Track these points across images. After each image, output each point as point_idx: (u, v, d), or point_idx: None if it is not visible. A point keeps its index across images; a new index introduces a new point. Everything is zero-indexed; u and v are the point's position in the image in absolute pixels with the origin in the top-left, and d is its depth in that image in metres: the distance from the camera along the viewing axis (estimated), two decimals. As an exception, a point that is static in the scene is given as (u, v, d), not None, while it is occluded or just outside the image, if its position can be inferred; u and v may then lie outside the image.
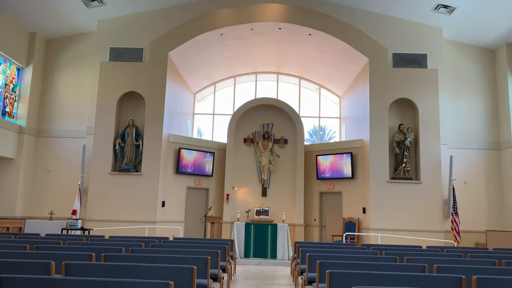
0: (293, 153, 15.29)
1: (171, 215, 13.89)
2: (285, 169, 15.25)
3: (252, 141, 15.44)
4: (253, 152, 15.41)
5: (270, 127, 15.51)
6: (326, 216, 14.79)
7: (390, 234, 12.35)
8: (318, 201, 14.92)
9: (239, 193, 15.12)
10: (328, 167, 14.62)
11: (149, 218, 12.83)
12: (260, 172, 15.19)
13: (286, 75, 17.90)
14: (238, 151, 15.36)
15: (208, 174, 14.82)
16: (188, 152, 14.36)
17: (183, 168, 14.22)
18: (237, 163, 15.27)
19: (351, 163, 14.02)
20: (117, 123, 13.57)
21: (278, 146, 15.39)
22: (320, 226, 14.82)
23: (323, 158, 14.78)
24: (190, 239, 9.34)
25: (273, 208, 14.91)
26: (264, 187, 15.15)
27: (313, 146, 15.55)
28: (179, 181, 14.24)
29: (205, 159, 14.78)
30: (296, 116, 15.40)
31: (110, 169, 13.12)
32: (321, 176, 14.78)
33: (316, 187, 15.07)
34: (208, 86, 18.08)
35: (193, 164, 14.46)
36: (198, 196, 14.79)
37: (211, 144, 15.32)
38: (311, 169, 15.24)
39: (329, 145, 15.04)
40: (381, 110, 13.22)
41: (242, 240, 11.60)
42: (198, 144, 14.86)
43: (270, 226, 11.67)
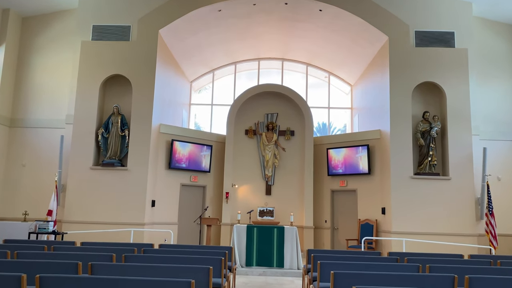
0: (301, 146, 13.57)
1: (163, 216, 12.19)
2: (292, 164, 13.54)
3: (254, 133, 13.73)
4: (256, 145, 13.70)
5: (275, 117, 13.79)
6: (338, 218, 13.07)
7: (415, 238, 10.63)
8: (330, 200, 13.20)
9: (240, 192, 13.42)
10: (341, 161, 12.90)
11: (136, 220, 11.13)
12: (263, 168, 13.48)
13: (292, 62, 16.17)
14: (239, 144, 13.65)
15: (205, 169, 13.12)
16: (182, 145, 12.65)
17: (177, 162, 12.51)
18: (237, 158, 13.56)
19: (367, 157, 12.30)
20: (100, 111, 11.87)
21: (284, 139, 13.68)
22: (332, 228, 13.10)
23: (335, 151, 13.06)
24: (179, 247, 7.64)
25: (279, 208, 13.20)
26: (268, 185, 13.44)
27: (323, 138, 13.83)
28: (171, 177, 12.54)
29: (201, 153, 13.08)
30: (304, 105, 13.68)
31: (92, 163, 11.42)
32: (333, 172, 13.06)
33: (327, 184, 13.35)
34: (205, 73, 16.37)
35: (187, 159, 12.76)
36: (193, 195, 13.09)
37: (209, 136, 13.61)
38: (321, 164, 13.52)
39: (342, 137, 13.31)
40: (403, 96, 11.48)
41: (243, 246, 9.88)
42: (193, 136, 13.15)
43: (276, 229, 9.95)
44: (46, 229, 9.22)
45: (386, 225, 11.45)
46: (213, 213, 13.27)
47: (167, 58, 13.01)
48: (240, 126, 13.74)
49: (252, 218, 12.92)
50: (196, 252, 6.56)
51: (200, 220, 10.66)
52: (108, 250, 6.73)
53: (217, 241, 13.17)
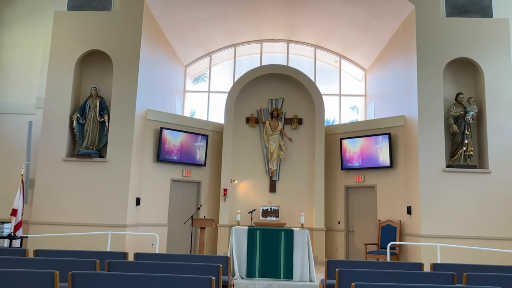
0: (310, 136, 11.80)
1: (150, 217, 10.42)
2: (300, 156, 11.77)
3: (257, 121, 11.95)
4: (258, 135, 11.93)
5: (280, 103, 12.02)
6: (354, 218, 11.29)
7: (449, 243, 8.86)
8: (344, 198, 11.41)
9: (241, 188, 11.65)
10: (357, 153, 11.12)
11: (117, 221, 9.37)
12: (267, 161, 11.71)
13: (299, 44, 14.39)
14: (239, 133, 11.88)
15: (199, 163, 11.35)
16: (172, 134, 10.88)
17: (166, 154, 10.75)
18: (237, 149, 11.79)
19: (389, 147, 10.52)
20: (76, 93, 10.11)
21: (291, 128, 11.90)
22: (346, 231, 11.32)
23: (350, 142, 11.28)
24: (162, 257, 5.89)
25: (285, 208, 11.43)
26: (272, 180, 11.67)
27: (336, 127, 12.05)
28: (160, 171, 10.77)
29: (195, 144, 11.31)
30: (314, 88, 11.90)
31: (65, 154, 9.67)
32: (348, 165, 11.28)
33: (340, 180, 11.57)
34: (202, 57, 14.61)
35: (179, 150, 10.99)
36: (186, 192, 11.33)
37: (204, 124, 11.83)
38: (334, 156, 11.74)
39: (358, 125, 11.52)
40: (432, 76, 9.70)
41: (243, 253, 8.11)
42: (186, 124, 11.38)
43: (283, 232, 8.18)
44: (1, 233, 7.46)
45: (412, 227, 9.67)
46: (209, 213, 11.51)
47: (156, 34, 11.24)
48: (240, 113, 11.97)
49: (254, 219, 11.16)
50: (181, 266, 4.81)
51: (191, 221, 8.88)
52: (61, 264, 4.99)
53: (213, 246, 11.40)
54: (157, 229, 10.23)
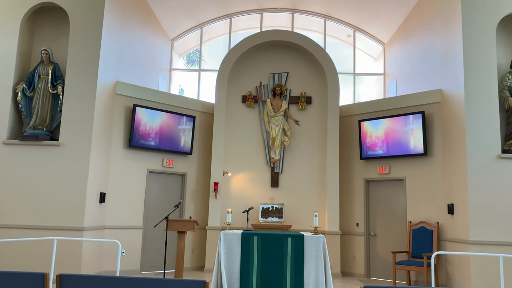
0: (322, 119, 9.58)
1: (119, 217, 8.23)
2: (309, 143, 9.55)
3: (255, 100, 9.74)
4: (258, 117, 9.72)
5: (284, 78, 9.81)
6: (376, 219, 9.06)
7: (509, 252, 6.65)
8: (363, 194, 9.19)
9: (235, 182, 9.44)
10: (381, 138, 8.90)
11: (72, 222, 7.17)
12: (268, 149, 9.50)
13: (306, 14, 12.18)
14: (233, 115, 9.68)
15: (184, 150, 9.15)
16: (150, 114, 8.69)
17: (141, 139, 8.55)
18: (232, 134, 9.59)
19: (422, 129, 8.29)
20: (23, 58, 7.91)
21: (297, 108, 9.69)
22: (367, 235, 9.09)
23: (371, 124, 9.06)
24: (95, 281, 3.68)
25: (290, 206, 9.23)
26: (274, 173, 9.46)
27: (353, 107, 9.82)
28: (133, 160, 8.57)
29: (179, 127, 9.11)
30: (326, 59, 9.67)
31: (6, 136, 7.48)
32: (369, 153, 9.06)
33: (359, 171, 9.34)
34: (191, 29, 12.40)
35: (158, 134, 8.80)
36: (167, 186, 9.11)
37: (190, 103, 9.62)
38: (351, 143, 9.53)
39: (382, 104, 9.28)
40: (482, 37, 7.47)
41: (235, 268, 5.89)
42: (167, 102, 9.17)
43: (290, 238, 5.95)
44: None
45: (456, 231, 7.44)
46: (196, 213, 9.30)
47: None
48: (235, 91, 9.76)
49: (252, 220, 8.96)
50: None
51: (166, 223, 6.61)
52: None
53: (201, 254, 9.20)
54: (128, 233, 8.05)
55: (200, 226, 9.29)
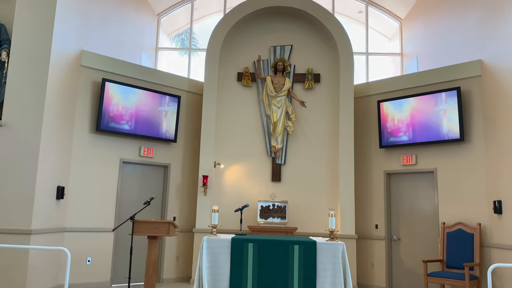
0: (333, 100, 7.99)
1: (84, 218, 6.65)
2: (317, 129, 7.96)
3: (253, 78, 8.15)
4: (256, 98, 8.13)
5: (288, 51, 8.21)
6: (400, 220, 7.45)
7: None
8: (384, 189, 7.59)
9: (229, 175, 7.85)
10: (406, 121, 7.31)
11: (16, 224, 5.58)
12: (268, 136, 7.92)
13: (311, -16, 10.56)
14: (227, 95, 8.09)
15: (167, 137, 7.57)
16: (123, 91, 7.10)
17: (113, 121, 6.97)
18: (224, 118, 8.01)
19: (458, 109, 6.70)
20: (-40, 18, 6.34)
21: (303, 87, 8.10)
22: (388, 239, 7.48)
23: (393, 105, 7.47)
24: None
25: (295, 204, 7.64)
26: (276, 164, 7.86)
27: (370, 86, 8.21)
28: (103, 147, 6.99)
29: (160, 108, 7.53)
30: (337, 28, 8.07)
31: None
32: (390, 140, 7.47)
33: (378, 162, 7.74)
34: (181, 2, 10.82)
35: (134, 116, 7.22)
36: (146, 180, 7.52)
37: (175, 80, 8.03)
38: (368, 128, 7.94)
39: (406, 80, 7.66)
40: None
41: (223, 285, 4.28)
42: (146, 78, 7.59)
43: (298, 246, 4.34)
44: None
45: (507, 234, 5.85)
46: (182, 213, 7.72)
47: None
48: (229, 67, 8.18)
49: (248, 220, 7.38)
50: None
51: (132, 225, 4.99)
52: None
53: (187, 263, 7.61)
54: (96, 237, 6.48)
55: (187, 228, 7.71)
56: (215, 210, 4.82)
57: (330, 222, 4.70)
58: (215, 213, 4.79)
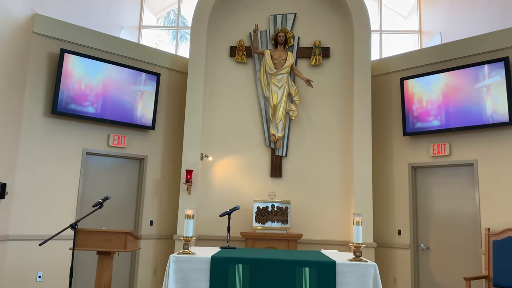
0: (345, 78, 6.59)
1: (35, 222, 5.27)
2: (325, 113, 6.56)
3: (248, 53, 6.74)
4: (252, 77, 6.73)
5: (291, 21, 6.80)
6: (429, 225, 6.05)
7: None
8: (409, 187, 6.19)
9: (218, 170, 6.45)
10: (436, 102, 5.91)
11: None
12: (267, 122, 6.53)
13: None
14: (217, 74, 6.69)
15: (143, 123, 6.18)
16: (88, 65, 5.71)
17: (74, 102, 5.59)
18: (214, 101, 6.62)
19: (506, 85, 5.31)
20: None
21: (309, 63, 6.70)
22: (414, 248, 6.09)
23: (421, 83, 6.08)
24: None
25: (299, 205, 6.25)
26: (276, 156, 6.46)
27: (391, 61, 6.79)
28: (60, 134, 5.61)
29: (135, 88, 6.14)
30: (350, -7, 6.68)
31: None
32: (417, 126, 6.07)
33: (401, 153, 6.34)
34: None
35: (102, 96, 5.83)
36: (117, 175, 6.14)
37: (153, 55, 6.62)
38: (389, 112, 6.55)
39: (436, 52, 6.24)
40: None
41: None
42: (117, 52, 6.18)
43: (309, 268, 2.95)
44: None
45: None
46: (161, 216, 6.34)
47: None
48: (220, 40, 6.78)
49: (242, 225, 6.01)
50: None
51: (73, 235, 3.59)
52: None
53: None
54: (51, 247, 5.09)
55: (167, 234, 6.34)
56: (189, 216, 3.41)
57: (356, 233, 3.30)
58: (189, 220, 3.38)
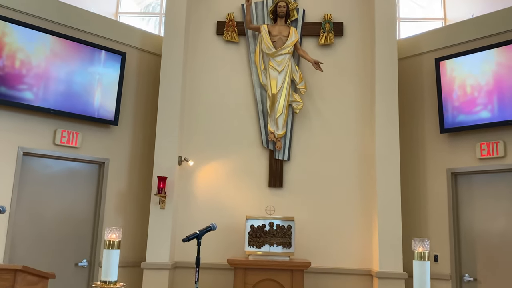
0: (363, 61, 5.20)
1: None
2: (338, 106, 5.14)
3: (240, 30, 5.33)
4: (245, 60, 5.31)
5: (293, -9, 5.43)
6: (477, 250, 4.57)
7: None
8: (449, 200, 4.73)
9: (202, 178, 5.00)
10: (486, 88, 4.50)
11: None
12: (263, 116, 5.10)
13: None
14: (200, 56, 5.29)
15: (102, 116, 4.74)
16: (25, 35, 4.30)
17: (4, 85, 4.16)
18: (196, 90, 5.20)
19: None
20: None
21: (317, 43, 5.30)
22: (457, 279, 4.60)
23: (463, 63, 4.67)
24: None
25: (305, 223, 4.79)
26: (276, 160, 5.02)
27: (422, 39, 5.36)
28: (-16, 128, 4.18)
29: (91, 69, 4.71)
30: (368, -45, 5.31)
31: None
32: (459, 120, 4.64)
33: (438, 155, 4.89)
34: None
35: (44, 79, 4.40)
36: (67, 184, 4.67)
37: (117, 29, 5.19)
38: (420, 103, 5.13)
39: (481, 24, 4.83)
40: None
41: None
42: (64, 21, 4.76)
43: None
44: None
45: None
46: (127, 238, 4.87)
47: None
48: (204, 13, 5.39)
49: (229, 250, 4.55)
50: None
51: None
52: None
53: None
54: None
55: (134, 260, 4.87)
56: (112, 244, 1.94)
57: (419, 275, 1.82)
58: (111, 251, 1.93)
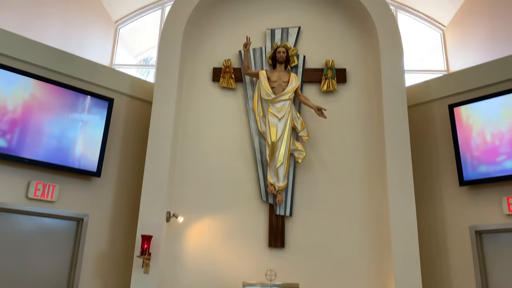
0: (369, 109, 4.80)
1: None
2: (344, 156, 4.67)
3: (237, 76, 4.98)
4: (242, 107, 4.92)
5: (294, 36, 5.12)
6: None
7: None
8: (474, 261, 4.14)
9: (193, 237, 4.43)
10: (508, 135, 4.06)
11: None
12: (262, 167, 4.62)
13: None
14: (194, 103, 4.91)
15: (83, 167, 4.27)
16: (2, 77, 3.92)
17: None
18: (189, 139, 4.77)
19: None
20: None
21: (319, 89, 4.93)
22: None
23: (480, 109, 4.27)
24: None
25: (312, 290, 4.17)
26: (276, 216, 4.47)
27: (432, 85, 5.00)
28: None
29: (73, 116, 4.30)
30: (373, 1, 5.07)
31: None
32: (480, 170, 4.16)
33: (458, 212, 4.35)
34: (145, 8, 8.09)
35: (20, 124, 3.97)
36: (40, 244, 4.09)
37: (104, 74, 4.83)
38: (435, 153, 4.66)
39: (499, 67, 4.47)
40: None
41: None
42: (47, 65, 4.41)
43: None
44: None
45: None
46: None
47: None
48: (200, 60, 5.08)
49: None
50: None
51: None
52: None
53: None
54: None
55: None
56: None
57: None
58: None
